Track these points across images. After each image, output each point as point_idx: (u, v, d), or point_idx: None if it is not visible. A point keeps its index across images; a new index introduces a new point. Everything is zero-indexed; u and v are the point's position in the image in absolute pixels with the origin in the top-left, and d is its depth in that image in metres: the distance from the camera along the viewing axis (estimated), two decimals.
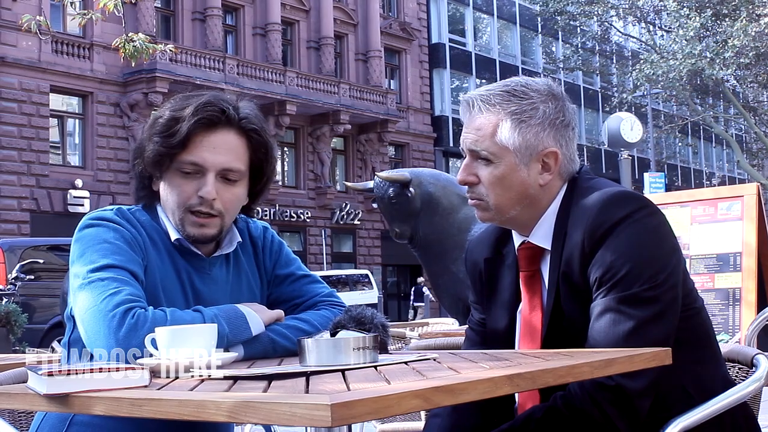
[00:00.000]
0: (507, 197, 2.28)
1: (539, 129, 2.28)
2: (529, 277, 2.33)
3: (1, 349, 11.06)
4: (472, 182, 2.32)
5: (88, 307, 2.20)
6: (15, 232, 27.17)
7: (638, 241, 2.14)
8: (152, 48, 11.17)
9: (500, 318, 2.39)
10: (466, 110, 2.35)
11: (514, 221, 2.33)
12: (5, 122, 27.92)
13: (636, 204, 2.18)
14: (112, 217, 2.39)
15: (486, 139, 2.28)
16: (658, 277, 2.12)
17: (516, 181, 2.28)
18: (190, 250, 2.45)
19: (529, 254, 2.33)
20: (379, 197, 8.19)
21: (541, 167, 2.29)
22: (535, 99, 2.30)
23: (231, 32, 35.50)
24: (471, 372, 1.66)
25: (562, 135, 2.31)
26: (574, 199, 2.26)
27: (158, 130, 2.39)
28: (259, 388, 1.63)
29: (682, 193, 8.37)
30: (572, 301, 2.19)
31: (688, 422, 2.06)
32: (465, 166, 2.33)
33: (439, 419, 2.37)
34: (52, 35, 26.47)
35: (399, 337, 5.14)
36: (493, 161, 2.28)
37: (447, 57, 42.70)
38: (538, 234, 2.31)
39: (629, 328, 2.08)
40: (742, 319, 7.11)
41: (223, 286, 2.49)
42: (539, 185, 2.30)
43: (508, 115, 2.27)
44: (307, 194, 36.08)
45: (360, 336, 1.93)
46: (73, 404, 1.63)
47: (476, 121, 2.31)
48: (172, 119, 2.39)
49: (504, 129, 2.27)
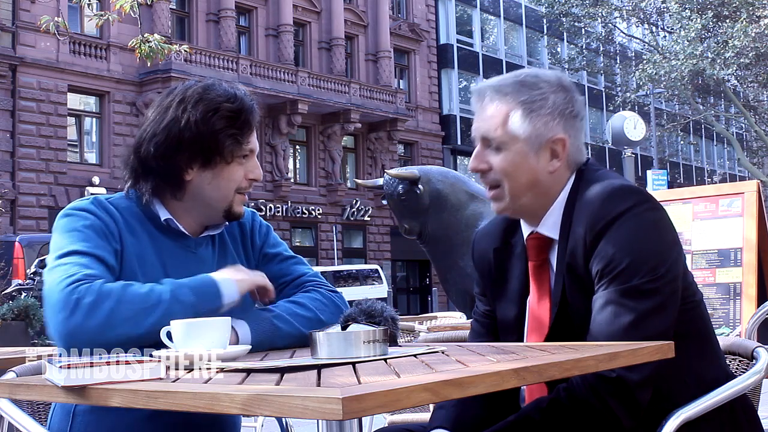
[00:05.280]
0: (518, 184, 2.28)
1: (549, 118, 2.29)
2: (537, 267, 2.31)
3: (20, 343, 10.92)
4: (483, 170, 2.32)
5: (46, 289, 2.21)
6: (33, 228, 27.17)
7: (638, 234, 2.13)
8: (167, 48, 11.21)
9: (510, 308, 2.37)
10: (478, 100, 2.36)
11: (526, 210, 2.32)
12: (24, 121, 27.98)
13: (637, 198, 2.16)
14: (85, 206, 2.39)
15: (497, 127, 2.28)
16: (658, 270, 2.10)
17: (526, 168, 2.28)
18: (178, 230, 2.47)
19: (538, 244, 2.32)
20: (389, 194, 8.34)
21: (550, 155, 2.30)
22: (546, 89, 2.31)
23: (244, 33, 35.33)
24: (479, 365, 1.64)
25: (571, 125, 2.32)
26: (580, 190, 2.25)
27: (229, 122, 2.42)
28: (272, 380, 1.61)
29: (684, 190, 8.22)
30: (577, 291, 2.19)
31: (689, 414, 2.06)
32: (476, 154, 2.33)
33: (444, 411, 2.33)
34: (69, 36, 26.47)
35: (408, 330, 5.11)
36: (503, 149, 2.28)
37: (455, 57, 42.51)
38: (547, 224, 2.30)
39: (630, 321, 2.07)
40: (742, 313, 7.10)
41: (209, 266, 2.46)
42: (548, 173, 2.30)
43: (519, 104, 2.28)
44: (318, 191, 35.93)
45: (370, 329, 1.92)
46: (91, 396, 1.62)
47: (488, 110, 2.31)
48: (236, 111, 2.44)
49: (515, 118, 2.27)
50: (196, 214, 2.50)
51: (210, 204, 2.47)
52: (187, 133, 2.40)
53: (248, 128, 2.47)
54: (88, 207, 2.39)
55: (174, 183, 2.44)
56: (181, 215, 2.48)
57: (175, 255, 2.46)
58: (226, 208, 2.48)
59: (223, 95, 2.45)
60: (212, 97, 2.43)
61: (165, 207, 2.47)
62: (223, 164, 2.44)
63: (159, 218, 2.46)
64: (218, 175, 2.44)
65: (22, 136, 28.01)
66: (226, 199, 2.47)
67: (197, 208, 2.48)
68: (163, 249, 2.44)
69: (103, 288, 2.16)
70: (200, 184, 2.45)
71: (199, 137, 2.40)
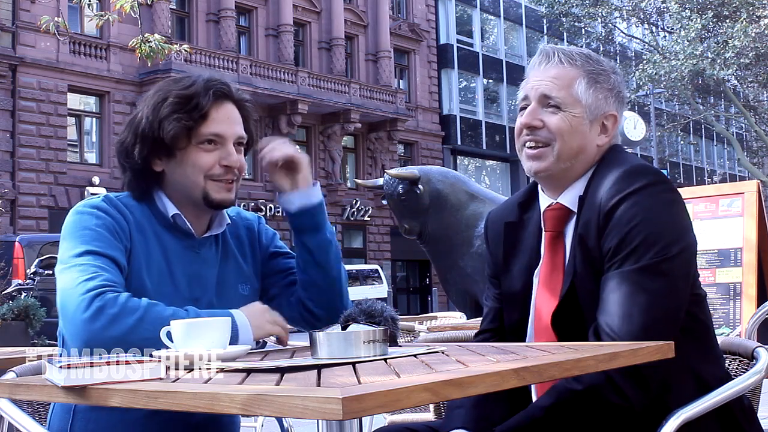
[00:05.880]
0: (569, 146, 2.30)
1: (609, 93, 2.35)
2: (553, 238, 2.34)
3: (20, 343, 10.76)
4: (536, 126, 2.33)
5: (64, 288, 2.23)
6: (34, 228, 27.20)
7: (653, 212, 2.14)
8: (167, 48, 11.14)
9: (517, 280, 2.39)
10: (543, 60, 2.38)
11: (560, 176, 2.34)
12: (24, 121, 27.95)
13: (654, 177, 2.19)
14: (98, 205, 2.40)
15: (562, 88, 2.31)
16: (671, 249, 2.11)
17: (581, 133, 2.31)
18: (184, 229, 2.49)
19: (557, 215, 2.34)
20: (389, 194, 8.37)
21: (600, 129, 2.35)
22: (608, 68, 2.39)
23: (244, 33, 35.35)
24: (479, 365, 1.64)
25: (621, 106, 2.40)
26: (602, 166, 2.30)
27: (174, 108, 2.42)
28: (272, 380, 1.61)
29: (685, 190, 8.08)
30: (585, 263, 2.20)
31: (689, 414, 2.05)
32: (531, 110, 2.34)
33: (463, 410, 2.31)
34: (69, 36, 26.43)
35: (408, 330, 5.13)
36: (563, 110, 2.31)
37: (455, 57, 42.57)
38: (569, 195, 2.33)
39: (643, 301, 2.07)
40: (742, 313, 7.21)
41: (211, 266, 2.51)
42: (596, 145, 2.34)
43: (587, 73, 2.33)
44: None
45: (370, 329, 1.92)
46: (90, 396, 1.62)
47: (553, 71, 2.34)
48: (185, 97, 2.43)
49: (581, 84, 2.32)
50: (188, 207, 2.50)
51: (186, 192, 2.48)
52: (140, 125, 2.44)
53: (200, 112, 2.44)
54: (100, 205, 2.40)
55: (146, 176, 2.47)
56: (182, 209, 2.50)
57: (179, 255, 2.47)
58: (202, 195, 2.46)
59: (179, 83, 2.48)
60: (168, 86, 2.48)
61: (172, 201, 2.50)
62: (180, 151, 2.45)
63: (165, 216, 2.48)
64: (181, 162, 2.46)
65: (22, 136, 27.97)
66: (197, 186, 2.46)
67: (182, 199, 2.49)
68: (168, 248, 2.46)
69: (128, 302, 2.18)
70: (171, 173, 2.47)
71: (148, 127, 2.42)
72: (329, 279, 2.60)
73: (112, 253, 2.31)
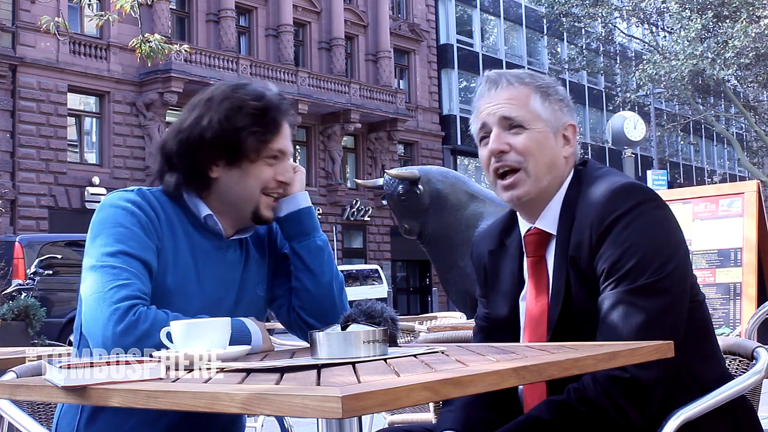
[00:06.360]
0: (542, 163, 2.30)
1: (561, 104, 2.36)
2: (535, 263, 2.33)
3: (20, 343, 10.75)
4: (504, 150, 2.30)
5: (95, 291, 2.21)
6: (34, 228, 27.17)
7: (645, 232, 2.13)
8: (167, 48, 11.17)
9: (501, 306, 2.39)
10: (491, 86, 2.37)
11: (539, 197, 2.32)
12: (24, 121, 27.91)
13: (643, 195, 2.18)
14: (133, 199, 2.38)
15: (521, 107, 2.31)
16: (666, 268, 2.11)
17: (549, 148, 2.31)
18: (215, 230, 2.49)
19: (537, 240, 2.33)
20: (389, 194, 8.25)
21: (563, 140, 2.35)
22: (552, 81, 2.41)
23: (244, 33, 35.37)
24: (478, 365, 1.65)
25: (574, 115, 2.41)
26: (583, 186, 2.28)
27: (252, 120, 2.42)
28: (272, 380, 1.61)
29: (685, 190, 8.26)
30: (579, 285, 2.18)
31: (689, 414, 2.05)
32: (495, 136, 2.32)
33: (453, 413, 2.32)
34: (70, 36, 26.43)
35: (408, 330, 5.14)
36: (527, 127, 2.30)
37: (455, 57, 42.54)
38: (546, 219, 2.32)
39: (641, 321, 2.06)
40: (742, 313, 7.10)
41: (236, 268, 2.52)
42: (564, 157, 2.34)
43: (537, 88, 2.34)
44: (318, 191, 35.65)
45: (370, 329, 1.92)
46: (90, 396, 1.62)
47: (504, 93, 2.34)
48: (261, 110, 2.44)
49: (536, 100, 2.32)
50: (227, 214, 2.50)
51: (236, 203, 2.48)
52: (210, 130, 2.41)
53: (275, 127, 2.46)
54: (135, 200, 2.39)
55: (198, 180, 2.46)
56: (217, 213, 2.49)
57: (207, 254, 2.47)
58: (253, 209, 2.48)
59: (251, 94, 2.46)
60: (239, 95, 2.45)
61: (205, 204, 2.49)
62: (247, 163, 2.44)
63: (196, 215, 2.48)
64: (244, 174, 2.45)
65: (22, 136, 27.95)
66: (252, 199, 2.47)
67: (226, 207, 2.48)
68: (196, 247, 2.46)
69: (158, 316, 2.19)
70: (227, 182, 2.45)
71: (221, 134, 2.41)
72: (321, 286, 2.59)
73: (145, 256, 2.30)
